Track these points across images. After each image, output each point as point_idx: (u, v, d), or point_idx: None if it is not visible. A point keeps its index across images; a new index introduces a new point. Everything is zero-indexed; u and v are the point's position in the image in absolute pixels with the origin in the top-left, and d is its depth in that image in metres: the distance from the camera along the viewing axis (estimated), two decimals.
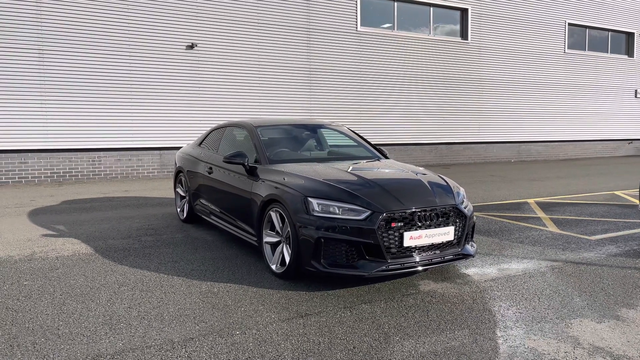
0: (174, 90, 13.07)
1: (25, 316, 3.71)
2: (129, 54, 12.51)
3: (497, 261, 5.12)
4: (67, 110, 11.98)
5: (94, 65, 12.14)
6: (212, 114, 13.33)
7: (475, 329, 3.51)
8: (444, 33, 17.46)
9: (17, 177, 11.69)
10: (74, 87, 12.00)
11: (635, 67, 21.46)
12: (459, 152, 17.69)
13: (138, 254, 5.37)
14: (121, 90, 12.48)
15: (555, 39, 19.33)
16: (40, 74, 11.68)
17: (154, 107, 12.87)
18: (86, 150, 12.31)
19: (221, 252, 5.44)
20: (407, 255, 4.17)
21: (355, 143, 6.29)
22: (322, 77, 15.04)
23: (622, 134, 21.54)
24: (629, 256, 5.30)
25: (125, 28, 12.41)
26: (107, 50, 12.26)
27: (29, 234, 6.39)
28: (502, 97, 18.29)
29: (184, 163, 7.01)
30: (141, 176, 12.93)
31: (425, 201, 4.32)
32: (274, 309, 3.84)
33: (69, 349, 3.20)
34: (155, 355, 3.11)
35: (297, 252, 4.23)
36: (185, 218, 6.93)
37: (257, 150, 5.41)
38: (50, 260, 5.14)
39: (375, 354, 3.15)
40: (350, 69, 15.47)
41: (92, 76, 12.15)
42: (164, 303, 3.96)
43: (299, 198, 4.31)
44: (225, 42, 13.59)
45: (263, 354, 3.13)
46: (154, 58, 12.77)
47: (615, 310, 3.84)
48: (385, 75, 16.04)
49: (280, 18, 14.29)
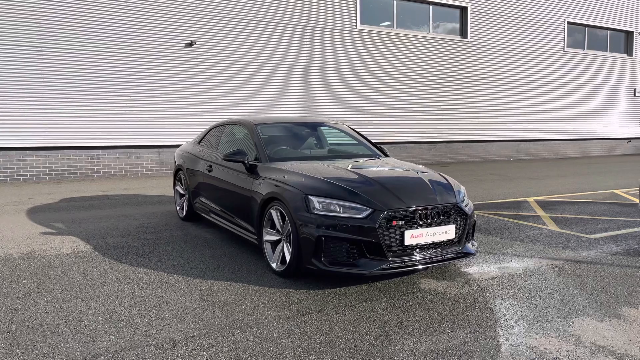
0: (173, 88, 13.03)
1: (24, 314, 3.69)
2: (128, 52, 12.46)
3: (498, 260, 5.11)
4: (65, 107, 11.94)
5: (92, 63, 12.10)
6: (211, 111, 13.30)
7: (476, 327, 3.50)
8: (444, 31, 17.44)
9: (15, 175, 11.65)
10: (72, 84, 11.96)
11: (634, 66, 21.46)
12: (458, 150, 17.68)
13: (137, 252, 5.36)
14: (120, 88, 12.44)
15: (555, 38, 19.32)
16: (38, 72, 11.64)
17: (153, 105, 12.84)
18: (85, 148, 12.28)
19: (221, 251, 5.42)
20: (408, 253, 4.16)
21: (355, 141, 6.27)
22: (321, 75, 15.01)
23: (621, 133, 21.54)
24: (630, 255, 5.30)
25: (124, 26, 12.37)
26: (106, 47, 12.22)
27: (27, 232, 6.36)
28: (502, 95, 18.28)
29: (183, 161, 6.99)
30: (140, 174, 12.90)
31: (426, 199, 4.31)
32: (275, 307, 3.83)
33: (68, 347, 3.18)
34: (156, 354, 3.10)
35: (298, 251, 4.22)
36: (185, 216, 6.91)
37: (257, 148, 5.39)
38: (49, 259, 5.12)
39: (377, 353, 3.14)
40: (349, 67, 15.45)
41: (91, 74, 12.11)
42: (164, 301, 3.94)
43: (299, 196, 4.29)
44: (224, 40, 13.56)
45: (264, 353, 3.12)
46: (153, 56, 12.74)
47: (616, 309, 3.83)
48: (384, 73, 16.02)
49: (279, 15, 14.25)
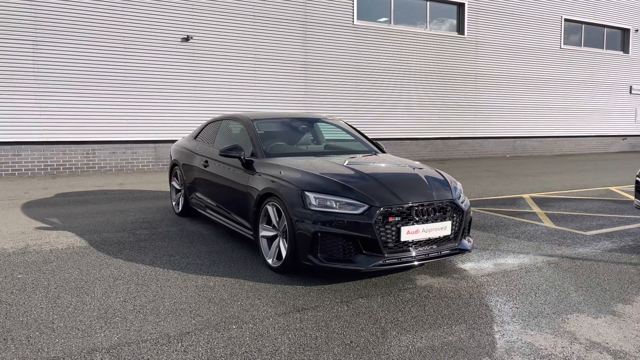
0: (169, 83, 12.98)
1: (19, 310, 3.68)
2: (124, 46, 12.40)
3: (494, 256, 5.12)
4: (61, 102, 11.88)
5: (88, 57, 12.03)
6: (208, 107, 13.26)
7: (472, 323, 3.51)
8: (441, 28, 17.42)
9: (10, 170, 11.59)
10: (68, 79, 11.89)
11: (630, 64, 21.52)
12: (455, 147, 17.70)
13: (133, 248, 5.34)
14: (116, 83, 12.38)
15: (551, 35, 19.34)
16: (34, 66, 11.56)
17: (149, 100, 12.78)
18: (80, 142, 12.22)
19: (217, 246, 5.41)
20: (404, 250, 4.16)
21: (352, 137, 6.26)
22: (319, 70, 14.98)
23: (617, 130, 21.63)
24: (625, 252, 5.32)
25: (119, 20, 12.29)
26: (102, 42, 12.15)
27: (22, 226, 6.33)
28: (498, 92, 18.31)
29: (179, 156, 6.96)
30: (136, 169, 12.86)
31: (422, 196, 4.31)
32: (271, 303, 3.82)
33: (63, 342, 3.17)
34: (151, 350, 3.09)
35: (294, 246, 4.21)
36: (181, 211, 6.89)
37: (254, 143, 5.37)
38: (44, 254, 5.09)
39: (373, 349, 3.14)
40: (347, 63, 15.42)
41: (87, 68, 12.04)
42: (160, 297, 3.93)
43: (295, 192, 4.28)
44: (221, 34, 13.50)
45: (260, 349, 3.11)
46: (149, 50, 12.67)
47: (611, 306, 3.85)
48: (381, 70, 16.00)
49: (277, 10, 14.20)
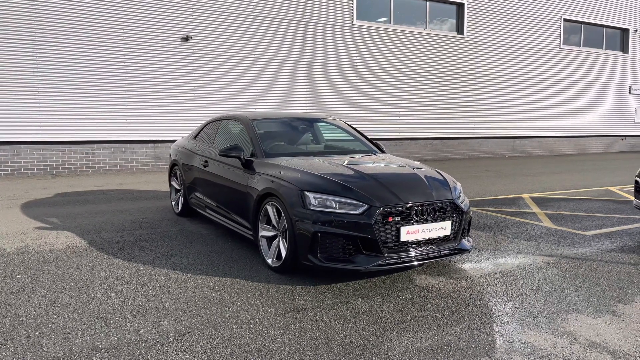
0: (169, 83, 12.97)
1: (18, 310, 3.67)
2: (124, 46, 12.39)
3: (493, 256, 5.13)
4: (60, 102, 11.87)
5: (88, 57, 12.02)
6: (207, 106, 13.25)
7: (472, 323, 3.51)
8: (440, 28, 17.42)
9: (9, 170, 11.58)
10: (67, 79, 11.88)
11: (629, 64, 21.53)
12: (454, 147, 17.70)
13: (133, 248, 5.34)
14: (115, 82, 12.37)
15: (551, 35, 19.35)
16: (33, 66, 11.55)
17: (149, 100, 12.78)
18: (80, 142, 12.21)
19: (217, 246, 5.41)
20: (404, 249, 4.16)
21: (351, 137, 6.26)
22: (318, 70, 14.98)
23: (616, 130, 21.64)
24: (624, 252, 5.33)
25: (119, 20, 12.28)
26: (102, 42, 12.14)
27: (22, 226, 6.33)
28: (497, 92, 18.31)
29: (179, 156, 6.96)
30: (135, 169, 12.85)
31: (422, 196, 4.31)
32: (271, 303, 3.82)
33: (63, 342, 3.17)
34: (151, 350, 3.09)
35: (294, 246, 4.21)
36: (180, 211, 6.89)
37: (253, 143, 5.37)
38: (43, 253, 5.09)
39: (372, 349, 3.14)
40: (346, 63, 15.42)
41: (86, 68, 12.03)
42: (159, 297, 3.93)
43: (295, 192, 4.28)
44: (221, 34, 13.50)
45: (259, 349, 3.11)
46: (148, 50, 12.66)
47: (611, 306, 3.85)
48: (380, 70, 16.00)
49: (277, 10, 14.19)
